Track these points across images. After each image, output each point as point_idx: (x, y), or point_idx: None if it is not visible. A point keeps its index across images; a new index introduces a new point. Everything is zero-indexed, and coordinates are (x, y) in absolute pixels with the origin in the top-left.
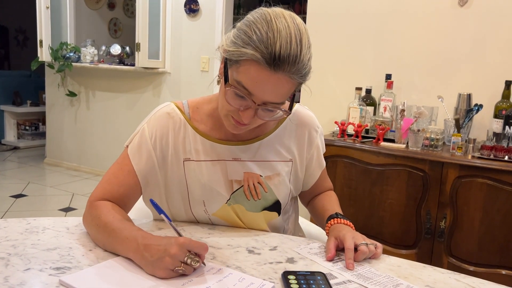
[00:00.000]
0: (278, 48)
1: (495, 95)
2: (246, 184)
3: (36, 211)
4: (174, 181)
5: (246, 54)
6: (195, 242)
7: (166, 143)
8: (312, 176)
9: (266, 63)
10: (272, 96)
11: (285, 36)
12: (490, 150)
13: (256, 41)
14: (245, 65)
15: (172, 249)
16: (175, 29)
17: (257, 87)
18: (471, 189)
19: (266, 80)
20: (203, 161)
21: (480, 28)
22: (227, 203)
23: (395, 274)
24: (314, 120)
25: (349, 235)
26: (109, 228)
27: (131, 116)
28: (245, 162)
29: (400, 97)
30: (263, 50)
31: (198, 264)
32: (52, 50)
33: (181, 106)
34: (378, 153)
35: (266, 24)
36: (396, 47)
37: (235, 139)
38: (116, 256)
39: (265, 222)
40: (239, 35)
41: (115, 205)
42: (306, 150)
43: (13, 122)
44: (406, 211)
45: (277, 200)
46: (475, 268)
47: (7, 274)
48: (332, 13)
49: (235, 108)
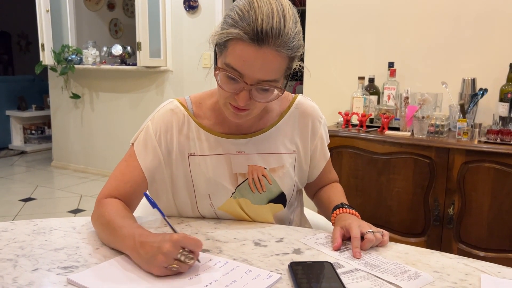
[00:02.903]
0: (260, 23)
1: (500, 78)
2: (250, 177)
3: (45, 214)
4: (179, 176)
5: (230, 34)
6: (188, 239)
7: (171, 139)
8: (316, 168)
9: (250, 39)
10: (262, 73)
11: (266, 11)
12: (497, 134)
13: (238, 21)
14: (231, 46)
15: (165, 246)
16: (175, 26)
17: (245, 66)
18: (478, 174)
19: (253, 57)
20: (208, 155)
21: (482, 12)
22: (232, 196)
23: (403, 261)
24: (317, 111)
25: (355, 224)
26: (111, 226)
27: (136, 116)
28: (249, 155)
29: (404, 85)
30: (246, 27)
31: (192, 261)
32: (54, 53)
33: (184, 102)
34: (383, 142)
35: (248, 4)
36: (398, 35)
37: (239, 133)
38: (123, 253)
39: (271, 214)
40: (224, 20)
41: (120, 203)
42: (310, 141)
43: (19, 127)
44: (413, 199)
45: (281, 192)
46: (485, 254)
47: (16, 275)
48: (332, 3)
49: (230, 93)
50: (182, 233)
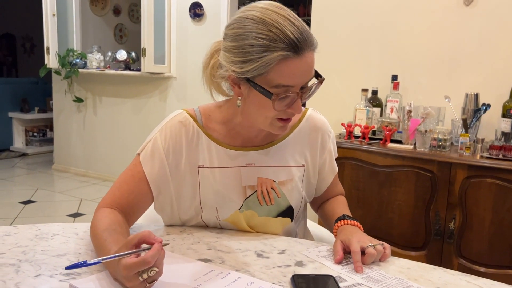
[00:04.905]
0: (291, 34)
1: (503, 94)
2: (259, 190)
3: (45, 217)
4: (187, 188)
5: (273, 59)
6: (136, 263)
7: (180, 152)
8: (324, 182)
9: (294, 53)
10: (308, 76)
11: (284, 21)
12: (499, 150)
13: (270, 44)
14: (274, 69)
15: (123, 274)
16: (180, 33)
17: (295, 77)
18: (480, 190)
19: (299, 67)
20: (217, 168)
21: (486, 27)
22: (239, 209)
23: (405, 276)
24: (326, 125)
25: (355, 239)
26: (98, 240)
27: (138, 121)
28: (259, 167)
29: (407, 98)
30: (282, 46)
31: (157, 272)
32: (59, 57)
33: (193, 114)
34: (385, 154)
35: (262, 25)
36: (402, 48)
37: (250, 145)
38: None
39: (281, 228)
40: (245, 51)
41: (117, 215)
42: (319, 155)
43: (21, 128)
44: (414, 213)
45: (289, 205)
46: (486, 269)
47: (18, 280)
48: (337, 15)
49: (283, 109)
50: (129, 259)
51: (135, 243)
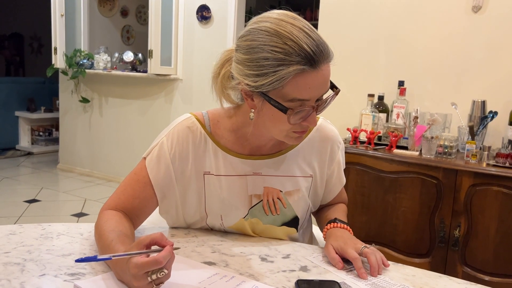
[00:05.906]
0: (307, 47)
1: (510, 102)
2: (265, 199)
3: (49, 216)
4: (192, 194)
5: (289, 73)
6: (148, 263)
7: (186, 157)
8: (331, 192)
9: (310, 66)
10: (324, 88)
11: (299, 34)
12: (506, 158)
13: (285, 58)
14: (290, 83)
15: (132, 272)
16: (187, 36)
17: (311, 91)
18: (486, 198)
19: (316, 80)
20: (223, 175)
21: (494, 34)
22: (244, 218)
23: (410, 283)
24: (336, 135)
25: (347, 246)
26: (104, 240)
27: (144, 123)
28: (266, 176)
29: (413, 104)
30: (299, 60)
31: (165, 274)
32: (66, 57)
33: (201, 119)
34: (391, 160)
35: (277, 37)
36: (409, 54)
37: (258, 153)
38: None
39: (285, 236)
40: (259, 65)
41: (121, 216)
42: (327, 165)
43: (27, 128)
44: (419, 219)
45: (295, 216)
46: (490, 278)
47: (23, 279)
48: (344, 20)
49: (298, 122)
50: (140, 258)
51: (146, 243)
